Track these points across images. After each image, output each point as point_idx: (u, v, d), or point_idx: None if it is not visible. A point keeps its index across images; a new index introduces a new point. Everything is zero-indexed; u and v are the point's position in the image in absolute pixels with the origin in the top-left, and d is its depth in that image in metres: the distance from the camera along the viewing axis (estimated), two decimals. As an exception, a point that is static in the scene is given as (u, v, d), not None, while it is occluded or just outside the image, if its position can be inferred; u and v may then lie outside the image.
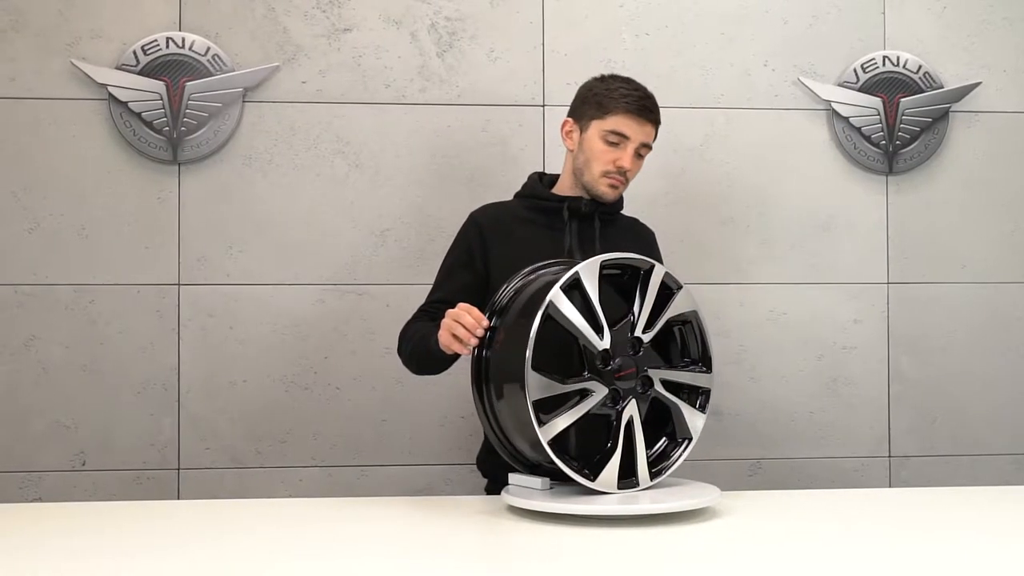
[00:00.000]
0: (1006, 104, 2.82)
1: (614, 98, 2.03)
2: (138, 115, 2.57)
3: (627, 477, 1.77)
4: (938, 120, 2.78)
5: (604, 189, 2.06)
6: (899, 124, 2.76)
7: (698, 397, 1.88)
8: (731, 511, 1.79)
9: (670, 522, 1.66)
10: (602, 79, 2.12)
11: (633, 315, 1.76)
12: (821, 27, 2.78)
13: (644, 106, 2.04)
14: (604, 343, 1.70)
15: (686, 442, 1.84)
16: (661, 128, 2.70)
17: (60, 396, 2.57)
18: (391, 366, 2.37)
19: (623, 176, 2.06)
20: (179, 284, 2.61)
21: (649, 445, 1.84)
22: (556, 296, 1.66)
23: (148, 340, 2.60)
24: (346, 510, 1.83)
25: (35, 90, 2.57)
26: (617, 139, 2.04)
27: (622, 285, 1.81)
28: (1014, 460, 2.80)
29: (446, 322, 1.84)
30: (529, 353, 1.65)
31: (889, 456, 2.78)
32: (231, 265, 2.62)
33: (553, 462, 1.67)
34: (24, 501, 2.54)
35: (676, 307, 1.80)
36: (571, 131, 2.12)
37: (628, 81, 2.09)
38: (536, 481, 1.80)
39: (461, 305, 1.84)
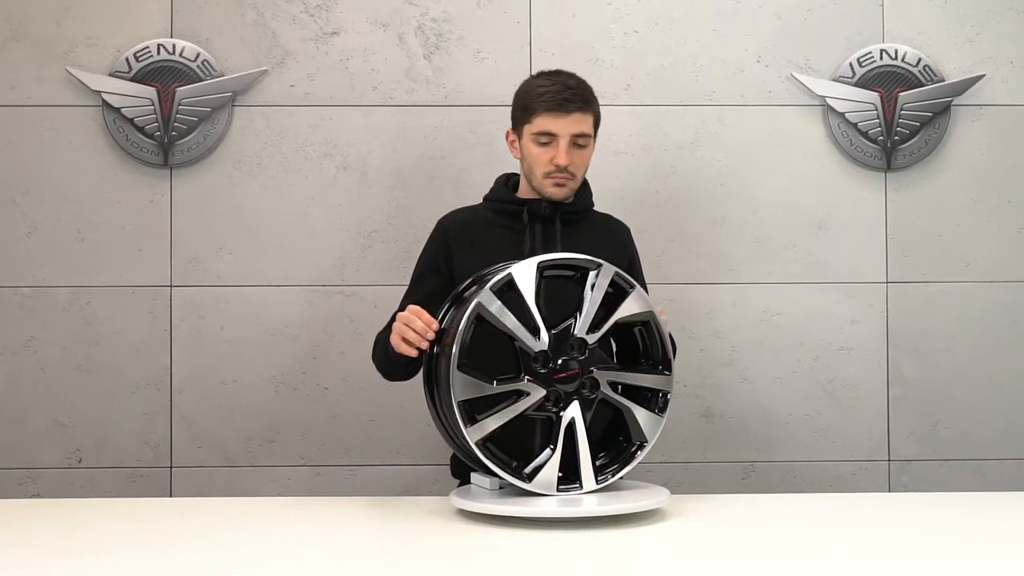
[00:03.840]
0: (1012, 97, 2.73)
1: (533, 98, 2.00)
2: (130, 120, 2.63)
3: (576, 480, 1.75)
4: (939, 114, 2.70)
5: (551, 190, 2.03)
6: (897, 119, 2.69)
7: (657, 400, 1.84)
8: (683, 514, 1.77)
9: (616, 525, 1.65)
10: (528, 80, 2.09)
11: (576, 316, 1.74)
12: (816, 21, 2.72)
13: (563, 99, 1.97)
14: (541, 344, 1.69)
15: (640, 446, 1.81)
16: (652, 126, 2.70)
17: (58, 395, 2.65)
18: (379, 367, 2.39)
19: (565, 172, 2.01)
20: (171, 285, 2.66)
21: (608, 448, 1.83)
22: (485, 297, 1.66)
23: (142, 341, 2.65)
24: (313, 509, 1.87)
25: (33, 98, 2.65)
26: (547, 139, 2.00)
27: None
28: (1021, 465, 2.70)
29: (397, 326, 1.86)
30: (454, 353, 1.65)
31: (888, 460, 2.71)
32: (222, 266, 2.67)
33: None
34: (23, 497, 2.61)
35: (627, 308, 1.76)
36: (513, 140, 2.10)
37: (551, 75, 2.03)
38: (486, 481, 1.80)
39: (411, 308, 1.85)
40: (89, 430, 2.65)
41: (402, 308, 2.12)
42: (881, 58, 2.69)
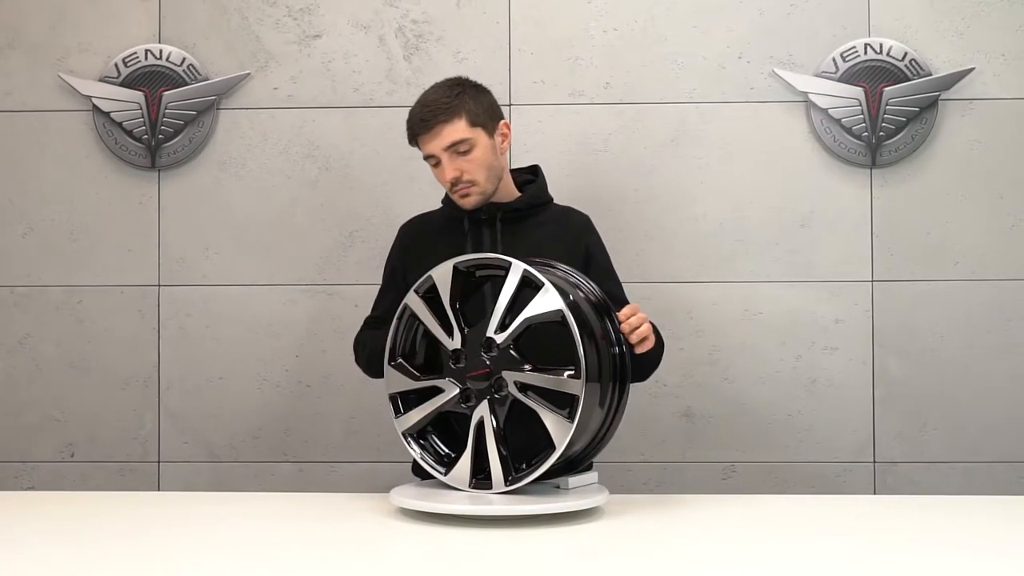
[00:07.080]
0: (1004, 90, 2.66)
1: (407, 129, 2.05)
2: (119, 124, 2.71)
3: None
4: (926, 109, 2.65)
5: (461, 202, 2.07)
6: (882, 115, 2.64)
7: (573, 404, 1.69)
8: (620, 514, 1.77)
9: (548, 524, 1.66)
10: None
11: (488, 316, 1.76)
12: (800, 16, 2.69)
13: (421, 120, 2.00)
14: (455, 343, 1.72)
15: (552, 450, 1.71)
16: (632, 124, 2.71)
17: (51, 391, 2.73)
18: (360, 365, 2.43)
19: (461, 183, 2.02)
20: (159, 285, 2.73)
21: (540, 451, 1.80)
22: (410, 299, 1.73)
23: (131, 339, 2.73)
24: (282, 504, 1.94)
25: (28, 103, 2.74)
26: (433, 160, 2.04)
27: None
28: (1011, 468, 2.64)
29: None
30: (387, 350, 1.77)
31: (874, 462, 2.66)
32: (207, 266, 2.73)
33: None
34: (19, 490, 2.70)
35: (536, 307, 1.71)
36: None
37: (418, 99, 2.06)
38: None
39: None
40: (81, 425, 2.73)
41: (372, 313, 2.23)
42: (865, 52, 2.65)
